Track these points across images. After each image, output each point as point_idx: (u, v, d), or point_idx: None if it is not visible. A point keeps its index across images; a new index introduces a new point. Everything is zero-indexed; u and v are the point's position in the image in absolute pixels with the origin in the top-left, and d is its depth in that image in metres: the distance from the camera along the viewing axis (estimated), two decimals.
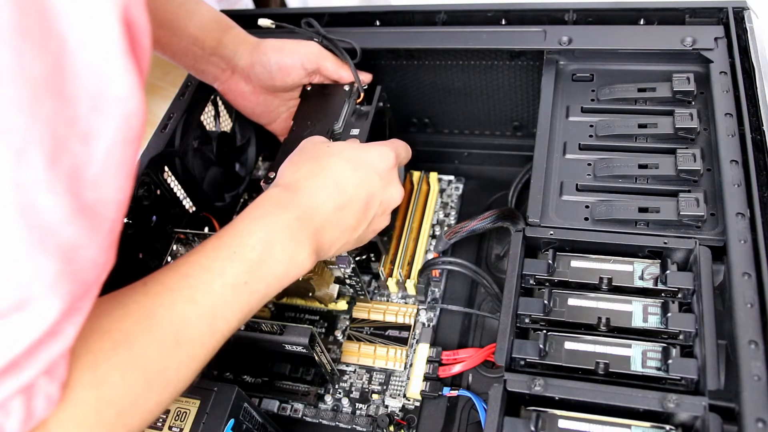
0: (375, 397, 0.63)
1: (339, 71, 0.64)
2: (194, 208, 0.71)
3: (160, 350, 0.39)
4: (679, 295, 0.49)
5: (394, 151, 0.55)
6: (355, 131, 0.61)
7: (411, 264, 0.69)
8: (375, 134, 0.61)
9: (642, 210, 0.52)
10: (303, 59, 0.63)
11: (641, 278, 0.50)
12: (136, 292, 0.40)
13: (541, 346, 0.47)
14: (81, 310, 0.32)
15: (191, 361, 0.41)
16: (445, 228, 0.74)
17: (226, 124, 0.76)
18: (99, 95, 0.30)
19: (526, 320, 0.50)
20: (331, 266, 0.63)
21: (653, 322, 0.48)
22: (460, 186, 0.78)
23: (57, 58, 0.28)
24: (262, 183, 0.57)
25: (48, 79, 0.28)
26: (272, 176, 0.56)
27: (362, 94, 0.64)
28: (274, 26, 0.69)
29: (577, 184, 0.56)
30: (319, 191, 0.49)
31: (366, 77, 0.66)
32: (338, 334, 0.68)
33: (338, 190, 0.50)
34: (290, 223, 0.46)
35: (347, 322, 0.69)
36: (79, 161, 0.30)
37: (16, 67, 0.26)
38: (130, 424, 0.37)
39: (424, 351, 0.63)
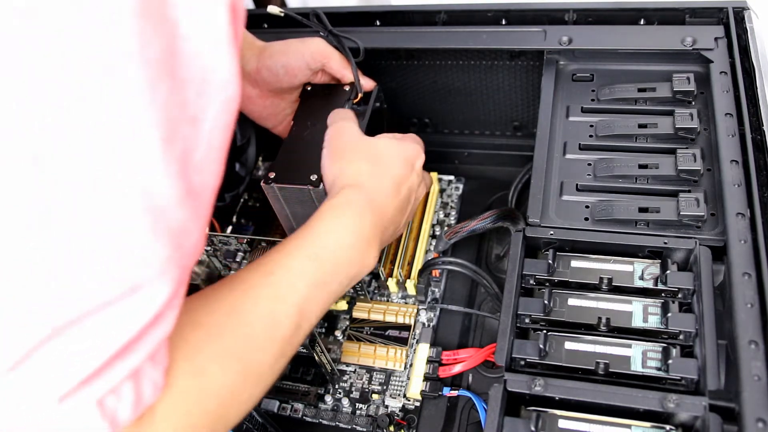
0: (375, 397, 0.63)
1: (343, 70, 0.64)
2: None
3: (253, 344, 0.40)
4: (679, 295, 0.49)
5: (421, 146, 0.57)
6: None
7: (411, 264, 0.69)
8: (372, 134, 0.61)
9: (642, 210, 0.52)
10: (308, 59, 0.63)
11: (641, 278, 0.50)
12: (221, 290, 0.41)
13: (541, 346, 0.47)
14: (180, 297, 0.33)
15: (281, 358, 0.42)
16: (445, 228, 0.74)
17: None
18: (204, 80, 0.30)
19: (526, 320, 0.50)
20: None
21: (653, 322, 0.48)
22: (460, 186, 0.78)
23: (170, 41, 0.28)
24: (262, 183, 0.57)
25: (163, 62, 0.28)
26: (272, 176, 0.56)
27: (360, 94, 0.64)
28: (282, 14, 0.68)
29: (577, 184, 0.56)
30: (385, 192, 0.51)
31: (368, 84, 0.65)
32: (338, 334, 0.68)
33: (396, 190, 0.51)
34: (365, 226, 0.48)
35: (347, 322, 0.69)
36: (189, 144, 0.30)
37: (138, 48, 0.26)
38: (229, 416, 0.38)
39: (424, 351, 0.63)
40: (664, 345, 0.47)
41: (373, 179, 0.51)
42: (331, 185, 0.52)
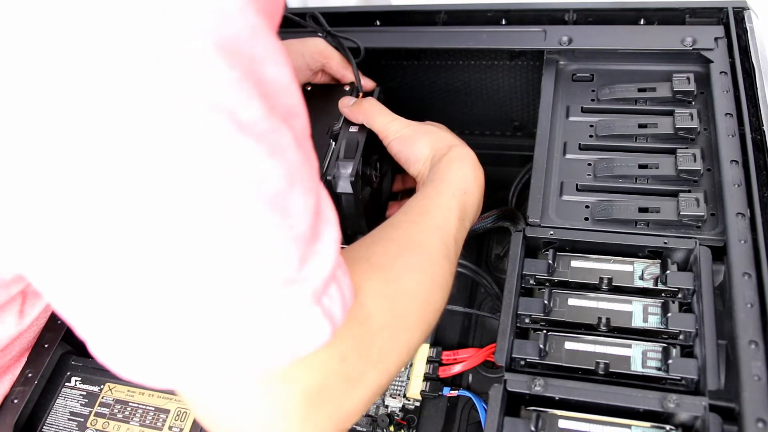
0: None
1: (343, 70, 0.64)
2: None
3: (431, 260, 0.46)
4: (679, 295, 0.49)
5: None
6: (354, 129, 0.61)
7: None
8: (371, 134, 0.61)
9: (642, 210, 0.52)
10: (308, 60, 0.63)
11: (641, 278, 0.50)
12: (387, 228, 0.47)
13: (541, 346, 0.47)
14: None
15: (449, 276, 0.48)
16: None
17: None
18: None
19: (526, 320, 0.50)
20: None
21: (653, 322, 0.48)
22: None
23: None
24: None
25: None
26: None
27: (360, 95, 0.64)
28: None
29: (577, 184, 0.56)
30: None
31: (369, 84, 0.66)
32: None
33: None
34: (479, 175, 0.56)
35: None
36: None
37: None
38: (428, 317, 0.44)
39: (424, 351, 0.62)
40: (664, 345, 0.47)
41: (462, 142, 0.58)
42: (433, 150, 0.57)
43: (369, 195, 0.63)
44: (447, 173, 0.54)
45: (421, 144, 0.57)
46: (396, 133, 0.59)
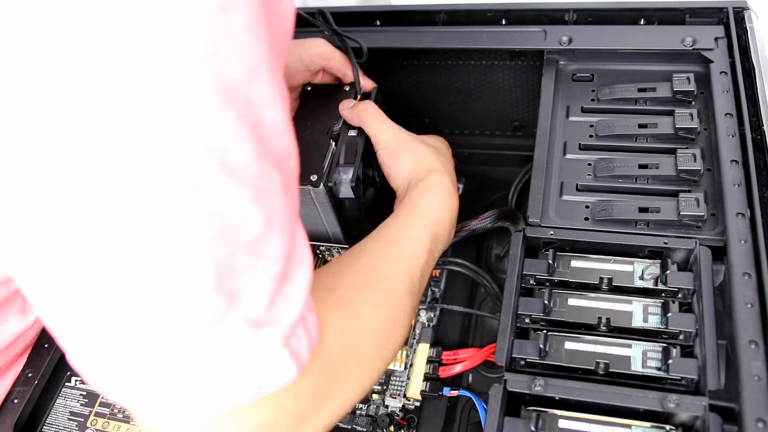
0: (375, 397, 0.63)
1: (344, 69, 0.64)
2: None
3: (395, 295, 0.46)
4: (679, 295, 0.49)
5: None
6: (353, 132, 0.61)
7: None
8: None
9: (642, 210, 0.52)
10: (306, 62, 0.63)
11: (641, 278, 0.50)
12: (354, 256, 0.48)
13: (541, 346, 0.47)
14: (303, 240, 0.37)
15: (412, 311, 0.48)
16: None
17: None
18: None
19: (526, 320, 0.50)
20: None
21: (653, 322, 0.48)
22: (460, 186, 0.78)
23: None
24: None
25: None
26: None
27: (359, 96, 0.64)
28: None
29: (577, 184, 0.56)
30: (453, 177, 0.59)
31: (368, 84, 0.66)
32: None
33: (454, 176, 0.61)
34: (454, 205, 0.56)
35: None
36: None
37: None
38: (387, 354, 0.45)
39: (424, 351, 0.62)
40: (664, 345, 0.47)
41: (445, 167, 0.58)
42: (413, 172, 0.57)
43: (372, 195, 0.63)
44: (421, 200, 0.54)
45: (402, 161, 0.57)
46: (384, 143, 0.59)
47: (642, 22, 0.64)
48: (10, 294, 0.48)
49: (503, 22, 0.68)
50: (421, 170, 0.57)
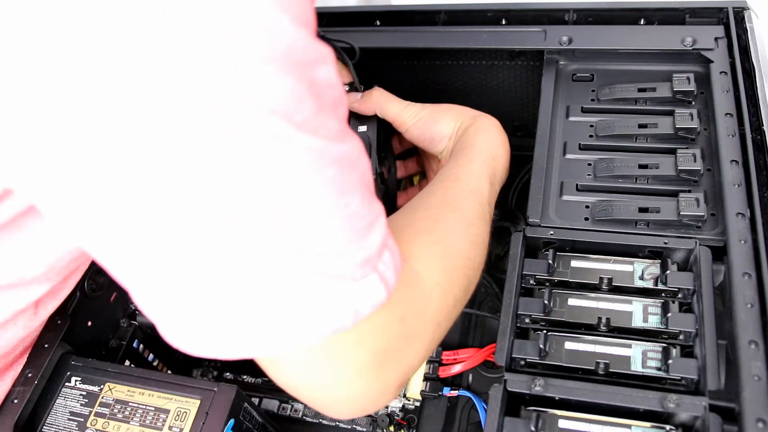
0: None
1: (343, 78, 0.65)
2: None
3: (469, 221, 0.49)
4: (679, 295, 0.49)
5: None
6: (363, 128, 0.61)
7: None
8: (378, 132, 0.61)
9: (642, 210, 0.52)
10: None
11: (641, 278, 0.50)
12: (424, 197, 0.50)
13: (541, 346, 0.47)
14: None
15: (485, 236, 0.51)
16: None
17: None
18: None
19: (526, 320, 0.50)
20: None
21: (653, 322, 0.48)
22: None
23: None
24: None
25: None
26: None
27: (359, 95, 0.64)
28: None
29: (577, 184, 0.56)
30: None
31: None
32: None
33: None
34: (506, 139, 0.58)
35: None
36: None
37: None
38: (471, 275, 0.47)
39: None
40: (664, 345, 0.47)
41: (483, 113, 0.60)
42: (458, 125, 0.59)
43: (382, 194, 0.63)
44: (475, 141, 0.56)
45: (443, 122, 0.59)
46: (413, 118, 0.60)
47: (642, 22, 0.64)
48: (29, 304, 0.48)
49: (503, 22, 0.68)
50: (467, 118, 0.59)
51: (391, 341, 0.39)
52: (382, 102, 0.61)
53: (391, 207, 0.67)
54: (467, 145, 0.56)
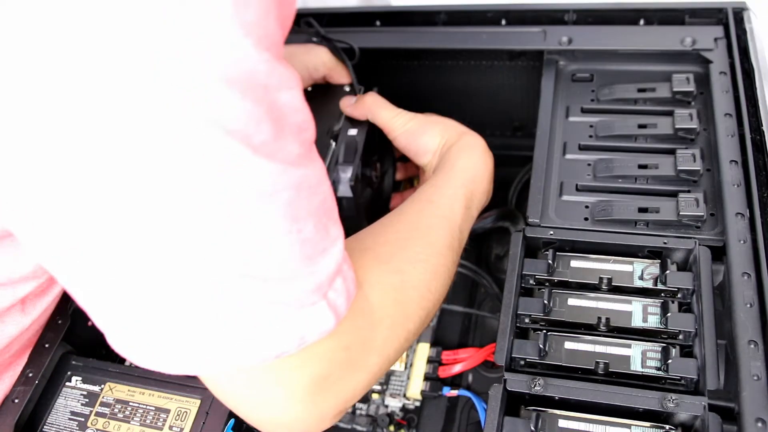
0: (375, 396, 0.63)
1: (344, 79, 0.65)
2: None
3: (434, 250, 0.48)
4: (679, 295, 0.49)
5: None
6: (353, 131, 0.61)
7: None
8: (370, 135, 0.61)
9: (642, 210, 0.52)
10: (311, 70, 0.64)
11: (641, 278, 0.50)
12: (395, 217, 0.50)
13: (541, 346, 0.48)
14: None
15: (452, 266, 0.50)
16: None
17: None
18: None
19: (526, 320, 0.50)
20: None
21: (653, 322, 0.48)
22: None
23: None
24: None
25: None
26: None
27: (358, 94, 0.64)
28: None
29: (577, 184, 0.56)
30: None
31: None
32: None
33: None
34: (489, 162, 0.57)
35: None
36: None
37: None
38: (429, 307, 0.47)
39: (424, 351, 0.63)
40: (664, 345, 0.47)
41: (471, 131, 0.59)
42: (443, 140, 0.58)
43: (369, 196, 0.63)
44: (456, 161, 0.55)
45: (429, 135, 0.58)
46: (402, 127, 0.59)
47: (642, 22, 0.64)
48: (16, 300, 0.48)
49: (503, 23, 0.68)
50: (453, 135, 0.57)
51: (333, 369, 0.39)
52: (374, 108, 0.60)
53: (381, 209, 0.67)
54: (448, 164, 0.55)
